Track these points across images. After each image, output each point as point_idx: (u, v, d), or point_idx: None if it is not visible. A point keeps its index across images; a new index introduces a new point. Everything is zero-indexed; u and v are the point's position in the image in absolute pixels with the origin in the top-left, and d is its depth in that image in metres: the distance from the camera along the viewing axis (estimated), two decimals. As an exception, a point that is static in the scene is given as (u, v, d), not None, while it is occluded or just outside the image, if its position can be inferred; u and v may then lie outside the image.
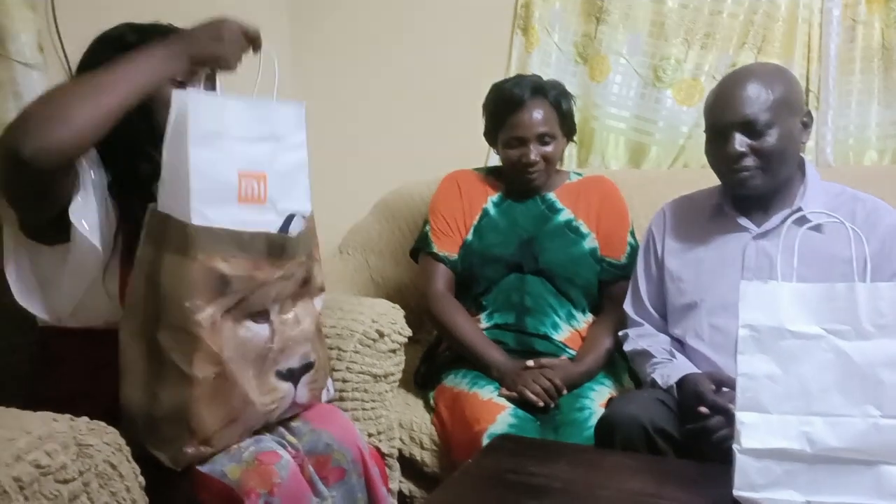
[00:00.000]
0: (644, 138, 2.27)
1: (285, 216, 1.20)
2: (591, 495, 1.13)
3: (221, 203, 1.12)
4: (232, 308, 1.11)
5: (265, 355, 1.16)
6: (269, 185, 1.18)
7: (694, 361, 1.49)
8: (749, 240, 1.48)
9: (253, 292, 1.14)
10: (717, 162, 1.48)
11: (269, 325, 1.17)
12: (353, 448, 1.27)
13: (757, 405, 1.04)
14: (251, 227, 1.14)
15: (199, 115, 1.10)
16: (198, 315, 1.06)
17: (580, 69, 2.30)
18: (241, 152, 1.15)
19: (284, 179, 1.20)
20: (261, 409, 1.16)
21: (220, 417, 1.10)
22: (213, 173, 1.12)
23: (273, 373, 1.18)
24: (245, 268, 1.11)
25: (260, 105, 1.19)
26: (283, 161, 1.20)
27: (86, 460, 0.93)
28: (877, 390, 1.00)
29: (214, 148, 1.12)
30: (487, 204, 1.85)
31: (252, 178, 1.16)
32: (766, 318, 1.06)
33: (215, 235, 1.09)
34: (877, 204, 1.46)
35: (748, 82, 1.42)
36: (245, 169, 1.15)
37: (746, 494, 1.03)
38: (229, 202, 1.13)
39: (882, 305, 1.01)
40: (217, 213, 1.11)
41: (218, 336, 1.09)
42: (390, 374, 1.61)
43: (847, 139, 2.10)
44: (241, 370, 1.12)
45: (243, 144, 1.16)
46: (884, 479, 0.99)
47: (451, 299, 1.80)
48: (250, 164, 1.16)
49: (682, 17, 2.19)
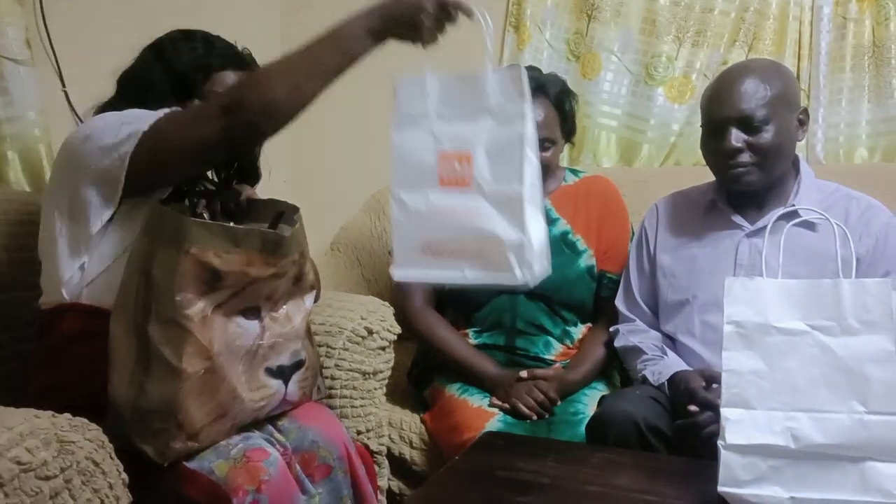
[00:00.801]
0: (636, 136, 2.27)
1: (494, 200, 1.06)
2: (579, 491, 1.13)
3: (420, 187, 1.09)
4: (223, 303, 1.11)
5: (255, 352, 1.16)
6: (476, 165, 1.07)
7: (685, 358, 1.49)
8: (742, 237, 1.48)
9: (245, 288, 1.13)
10: (712, 157, 1.48)
11: (260, 321, 1.17)
12: (339, 445, 1.26)
13: (742, 401, 1.04)
14: (453, 211, 1.08)
15: (401, 97, 1.11)
16: (188, 309, 1.07)
17: (572, 66, 2.30)
18: (442, 132, 1.09)
19: (495, 158, 1.07)
20: (249, 405, 1.16)
21: (208, 412, 1.10)
22: (411, 157, 1.09)
23: (263, 369, 1.18)
24: (238, 263, 1.11)
25: (468, 78, 1.09)
26: (494, 138, 1.07)
27: (67, 457, 0.92)
28: (862, 386, 1.00)
29: (414, 130, 1.10)
30: None
31: (453, 158, 1.08)
32: (751, 314, 1.06)
33: (209, 229, 1.09)
34: (871, 203, 1.46)
35: (746, 78, 1.41)
36: (447, 149, 1.09)
37: (731, 490, 1.02)
38: (429, 186, 1.09)
39: (867, 301, 1.01)
40: (415, 197, 1.09)
41: (208, 330, 1.09)
42: (379, 372, 1.61)
43: (838, 137, 2.10)
44: (231, 366, 1.12)
45: (446, 123, 1.09)
46: (869, 475, 0.99)
47: (432, 313, 1.73)
48: (453, 144, 1.09)
49: (674, 14, 2.19)
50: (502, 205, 1.06)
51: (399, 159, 1.11)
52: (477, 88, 1.08)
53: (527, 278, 1.05)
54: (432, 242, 1.11)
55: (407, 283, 1.75)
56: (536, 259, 1.06)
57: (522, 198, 1.04)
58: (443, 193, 1.09)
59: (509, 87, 1.06)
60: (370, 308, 1.61)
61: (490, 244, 1.06)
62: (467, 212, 1.07)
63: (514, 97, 1.06)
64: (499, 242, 1.05)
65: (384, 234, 2.21)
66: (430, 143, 1.09)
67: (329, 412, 1.36)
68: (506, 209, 1.06)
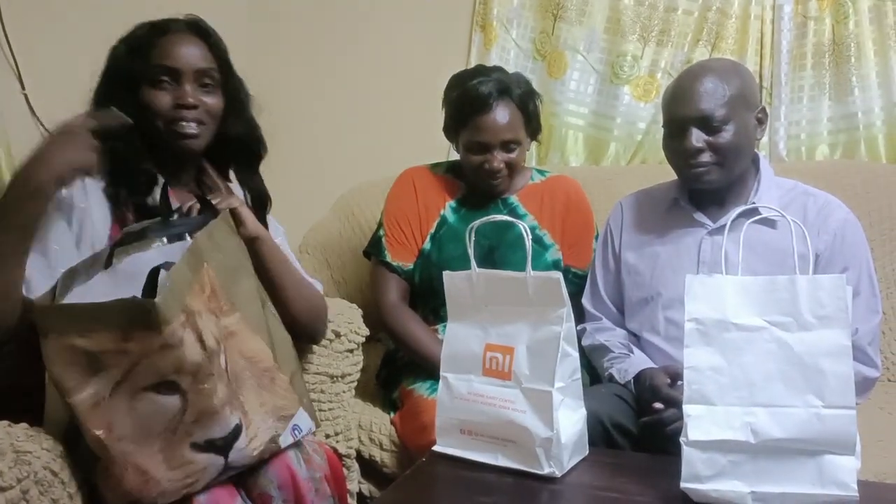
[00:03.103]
0: (603, 134, 2.29)
1: (529, 395, 1.18)
2: (543, 488, 1.13)
3: (466, 372, 1.23)
4: (121, 381, 1.02)
5: (175, 428, 1.05)
6: (516, 359, 1.19)
7: (650, 355, 1.51)
8: (704, 234, 1.50)
9: (137, 364, 1.03)
10: (674, 157, 1.49)
11: (181, 395, 1.05)
12: (283, 471, 1.18)
13: (703, 397, 1.05)
14: (492, 401, 1.20)
15: (451, 292, 1.27)
16: (74, 396, 1.00)
17: (538, 66, 2.31)
18: (491, 325, 1.23)
19: (534, 355, 1.19)
20: (169, 485, 1.04)
21: (120, 496, 1.03)
22: (461, 344, 1.24)
23: (187, 445, 1.06)
24: (110, 341, 1.01)
25: (510, 278, 1.22)
26: (534, 336, 1.19)
27: (24, 467, 0.91)
28: (818, 380, 1.01)
29: (467, 320, 1.25)
30: (445, 210, 1.79)
31: (498, 351, 1.21)
32: (710, 310, 1.07)
33: (67, 311, 1.03)
34: (828, 199, 1.48)
35: (705, 78, 1.43)
36: (493, 342, 1.22)
37: (693, 486, 1.04)
38: (473, 372, 1.23)
39: (822, 296, 1.02)
40: (459, 382, 1.23)
41: (104, 414, 1.02)
42: (347, 375, 1.60)
43: (799, 134, 2.14)
44: (141, 447, 1.03)
45: (494, 317, 1.22)
46: (826, 467, 1.00)
47: (406, 310, 1.75)
48: (499, 338, 1.22)
49: (638, 14, 2.21)
50: (535, 401, 1.17)
51: (451, 344, 1.26)
52: (529, 287, 1.20)
53: (554, 469, 1.15)
54: (471, 425, 1.23)
55: (382, 277, 1.77)
56: (565, 452, 1.16)
57: (552, 396, 1.15)
58: (485, 382, 1.22)
59: (551, 291, 1.18)
60: (338, 311, 1.59)
61: (522, 436, 1.17)
62: (504, 403, 1.19)
63: (552, 302, 1.18)
64: (529, 437, 1.16)
65: (353, 236, 2.21)
66: (479, 335, 1.24)
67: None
68: (538, 405, 1.17)
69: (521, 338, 1.20)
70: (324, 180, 2.37)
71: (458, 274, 1.27)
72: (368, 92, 2.43)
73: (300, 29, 2.49)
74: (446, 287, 1.29)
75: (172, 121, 1.26)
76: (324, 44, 2.46)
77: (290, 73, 2.50)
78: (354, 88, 2.45)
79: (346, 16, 2.44)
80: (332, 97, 2.49)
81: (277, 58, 2.49)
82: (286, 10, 2.50)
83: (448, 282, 1.29)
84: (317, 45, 2.47)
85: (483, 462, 1.21)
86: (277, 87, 2.48)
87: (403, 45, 2.39)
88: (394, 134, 2.38)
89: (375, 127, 2.43)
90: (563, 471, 1.16)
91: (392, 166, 2.05)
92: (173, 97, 1.26)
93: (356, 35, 2.45)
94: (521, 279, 1.20)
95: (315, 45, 2.48)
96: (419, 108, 2.04)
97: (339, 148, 2.48)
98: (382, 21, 2.42)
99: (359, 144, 2.44)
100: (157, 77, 1.26)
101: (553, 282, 1.18)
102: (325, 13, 2.46)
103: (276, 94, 2.47)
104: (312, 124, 2.49)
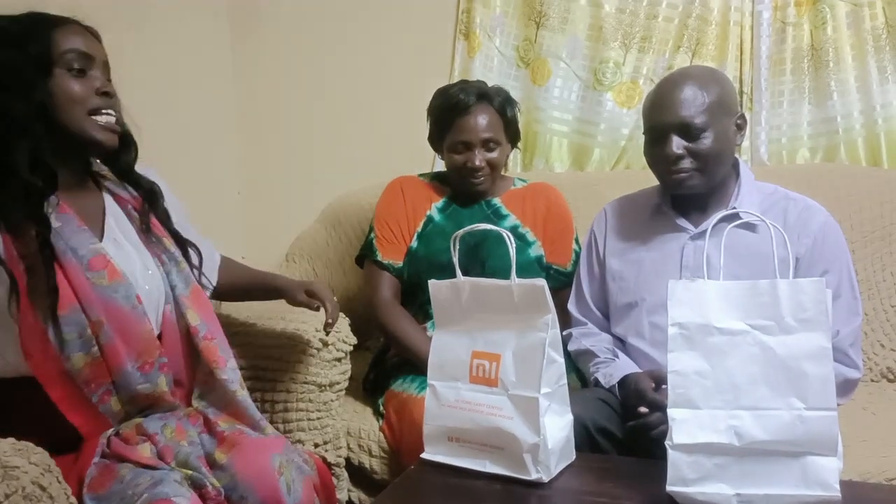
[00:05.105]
0: (587, 141, 2.31)
1: (515, 402, 1.19)
2: (531, 494, 1.14)
3: (453, 379, 1.25)
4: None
5: None
6: (503, 366, 1.20)
7: (635, 359, 1.52)
8: (687, 240, 1.51)
9: None
10: (655, 163, 1.51)
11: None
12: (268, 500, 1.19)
13: (687, 401, 1.06)
14: (479, 408, 1.21)
15: (438, 301, 1.28)
16: None
17: (522, 73, 2.33)
18: (480, 333, 1.24)
19: (520, 362, 1.20)
20: None
21: None
22: (449, 352, 1.26)
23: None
24: None
25: (495, 286, 1.23)
26: (522, 343, 1.21)
27: (12, 482, 0.90)
28: (801, 383, 1.02)
29: (454, 328, 1.26)
30: (431, 210, 1.85)
31: (485, 358, 1.23)
32: (693, 315, 1.08)
33: None
34: (808, 203, 1.50)
35: (684, 85, 1.44)
36: (480, 349, 1.23)
37: (679, 489, 1.05)
38: (461, 379, 1.24)
39: (804, 300, 1.04)
40: (447, 389, 1.25)
41: None
42: (336, 384, 1.61)
43: (780, 138, 2.16)
44: None
45: (485, 325, 1.24)
46: (809, 469, 1.01)
47: (398, 307, 1.80)
48: (487, 345, 1.23)
49: (620, 21, 2.23)
50: (522, 407, 1.18)
51: (438, 352, 1.27)
52: (514, 295, 1.21)
53: (542, 475, 1.16)
54: (459, 432, 1.24)
55: (375, 275, 1.82)
56: (552, 457, 1.18)
57: (538, 402, 1.16)
58: (472, 390, 1.23)
59: (538, 299, 1.19)
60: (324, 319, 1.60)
61: (510, 443, 1.19)
62: (492, 410, 1.21)
63: (536, 308, 1.20)
64: (517, 443, 1.18)
65: (339, 244, 2.21)
66: (466, 342, 1.25)
67: (268, 460, 1.21)
68: (525, 411, 1.18)
69: (508, 345, 1.22)
70: (311, 189, 2.38)
71: (444, 283, 1.29)
72: (353, 101, 2.44)
73: (284, 38, 2.50)
74: (432, 296, 1.30)
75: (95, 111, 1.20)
76: (308, 54, 2.47)
77: (276, 83, 2.50)
78: (339, 98, 2.46)
79: (331, 26, 2.45)
80: (317, 107, 2.49)
81: (262, 69, 2.50)
82: (271, 21, 2.50)
83: (434, 290, 1.30)
84: (301, 54, 2.48)
85: (471, 469, 1.22)
86: (262, 97, 2.49)
87: (387, 55, 2.40)
88: (379, 143, 2.39)
89: (361, 136, 2.44)
90: (550, 476, 1.17)
91: (378, 175, 2.07)
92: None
93: (341, 45, 2.45)
94: (507, 287, 1.21)
95: (299, 54, 2.48)
96: (404, 118, 2.05)
97: (326, 157, 2.49)
98: (366, 31, 2.43)
99: (345, 153, 2.45)
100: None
101: (538, 289, 1.19)
102: (310, 23, 2.47)
103: (261, 104, 2.50)
104: (298, 134, 2.50)
